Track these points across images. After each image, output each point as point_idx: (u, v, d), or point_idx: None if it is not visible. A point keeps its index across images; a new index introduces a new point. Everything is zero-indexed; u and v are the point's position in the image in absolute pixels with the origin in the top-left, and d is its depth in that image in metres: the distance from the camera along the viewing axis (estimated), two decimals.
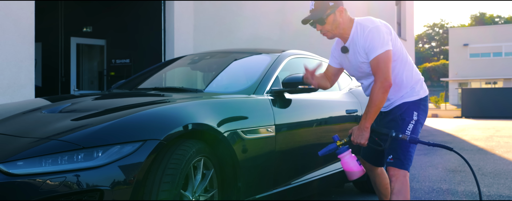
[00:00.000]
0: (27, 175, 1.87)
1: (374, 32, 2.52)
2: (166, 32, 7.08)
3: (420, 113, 2.68)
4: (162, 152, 2.16)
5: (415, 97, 2.70)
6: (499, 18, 71.09)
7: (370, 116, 2.54)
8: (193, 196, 2.29)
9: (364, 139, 2.56)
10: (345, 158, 2.56)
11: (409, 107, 2.67)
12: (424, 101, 2.72)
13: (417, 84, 2.71)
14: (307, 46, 8.96)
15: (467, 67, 41.08)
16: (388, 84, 2.51)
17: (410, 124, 2.63)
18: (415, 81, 2.71)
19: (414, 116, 2.65)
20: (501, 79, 39.70)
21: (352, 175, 2.56)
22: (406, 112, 2.66)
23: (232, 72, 3.52)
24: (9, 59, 4.81)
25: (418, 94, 2.71)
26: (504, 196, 4.08)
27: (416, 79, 2.72)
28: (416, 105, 2.69)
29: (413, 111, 2.66)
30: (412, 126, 2.63)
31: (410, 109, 2.67)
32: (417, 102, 2.69)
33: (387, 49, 2.51)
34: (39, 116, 2.42)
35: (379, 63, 2.51)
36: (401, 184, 2.57)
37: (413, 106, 2.68)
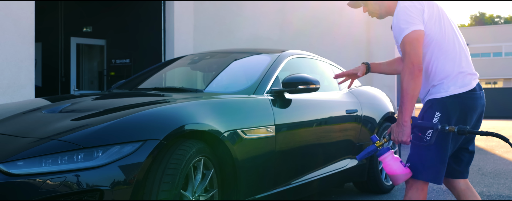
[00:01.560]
0: (27, 175, 1.87)
1: (401, 12, 2.23)
2: (166, 32, 7.08)
3: (447, 113, 2.24)
4: (162, 152, 2.16)
5: (442, 93, 2.27)
6: (499, 18, 71.09)
7: (405, 108, 2.20)
8: (193, 196, 2.29)
9: (406, 135, 2.22)
10: (386, 160, 2.27)
11: (432, 106, 2.29)
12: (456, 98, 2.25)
13: (448, 77, 2.27)
14: (307, 46, 8.96)
15: None
16: (416, 68, 2.17)
17: (429, 129, 2.23)
18: (448, 73, 2.28)
19: (435, 118, 2.25)
20: (501, 79, 39.70)
21: (396, 178, 2.25)
22: (427, 113, 2.29)
23: (232, 72, 3.52)
24: (9, 59, 4.81)
25: (447, 91, 2.27)
26: (504, 196, 4.08)
27: (450, 71, 2.28)
28: (441, 103, 2.26)
29: (436, 112, 2.26)
30: (431, 131, 2.22)
31: (432, 109, 2.28)
32: (443, 100, 2.26)
33: (415, 29, 2.19)
34: (39, 116, 2.42)
35: (405, 46, 2.20)
36: (412, 194, 2.27)
37: (437, 105, 2.27)
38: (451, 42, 2.29)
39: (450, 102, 2.25)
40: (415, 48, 2.19)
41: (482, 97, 2.33)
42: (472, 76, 2.31)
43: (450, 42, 2.29)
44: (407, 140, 2.24)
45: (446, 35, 2.28)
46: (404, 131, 2.23)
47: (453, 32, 2.32)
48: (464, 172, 2.43)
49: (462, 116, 2.25)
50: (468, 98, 2.26)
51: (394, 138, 2.28)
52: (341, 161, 3.62)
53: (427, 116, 2.27)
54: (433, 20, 2.26)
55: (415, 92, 2.19)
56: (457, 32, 2.34)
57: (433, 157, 2.25)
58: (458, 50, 2.30)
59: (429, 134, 2.21)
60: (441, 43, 2.28)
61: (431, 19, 2.25)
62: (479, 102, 2.29)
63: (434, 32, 2.26)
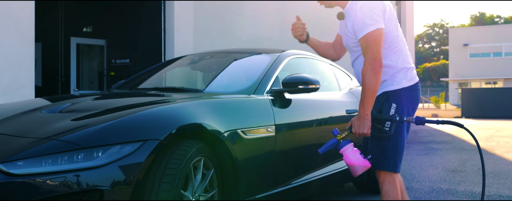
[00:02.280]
0: (27, 175, 1.87)
1: (365, 7, 2.34)
2: (166, 32, 7.08)
3: (401, 104, 2.42)
4: (162, 152, 2.16)
5: (396, 86, 2.45)
6: (499, 18, 71.09)
7: (367, 102, 2.33)
8: (193, 196, 2.29)
9: (367, 128, 2.35)
10: (347, 152, 2.39)
11: (388, 99, 2.44)
12: (407, 90, 2.45)
13: (400, 72, 2.46)
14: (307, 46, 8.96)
15: (467, 67, 41.07)
16: (378, 64, 2.31)
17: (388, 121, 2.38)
18: (399, 68, 2.46)
19: (392, 109, 2.40)
20: (501, 79, 39.70)
21: (355, 169, 2.39)
22: (384, 105, 2.43)
23: (232, 72, 3.52)
24: (9, 59, 4.81)
25: (400, 83, 2.45)
26: (504, 196, 4.08)
27: (401, 66, 2.47)
28: (396, 95, 2.44)
29: (392, 103, 2.42)
30: (389, 123, 2.36)
31: (388, 101, 2.43)
32: (397, 92, 2.44)
33: (379, 27, 2.32)
34: (39, 116, 2.42)
35: (368, 42, 2.32)
36: (387, 188, 2.41)
37: (393, 97, 2.44)
38: (401, 39, 2.46)
39: (404, 94, 2.43)
40: (378, 45, 2.32)
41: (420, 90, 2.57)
42: (415, 71, 2.54)
43: (400, 39, 2.46)
44: (367, 132, 2.37)
45: (398, 34, 2.46)
46: (365, 124, 2.36)
47: (399, 30, 2.48)
48: None
49: (411, 106, 2.45)
50: (415, 90, 2.48)
51: (355, 131, 2.40)
52: (341, 161, 3.62)
53: (385, 109, 2.41)
54: (391, 19, 2.41)
55: (376, 87, 2.32)
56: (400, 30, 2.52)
57: (393, 148, 2.40)
58: (404, 47, 2.49)
59: (388, 126, 2.35)
60: (395, 41, 2.44)
61: (390, 19, 2.40)
62: (419, 94, 2.54)
63: (390, 31, 2.41)
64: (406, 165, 5.85)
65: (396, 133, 2.40)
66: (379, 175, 2.45)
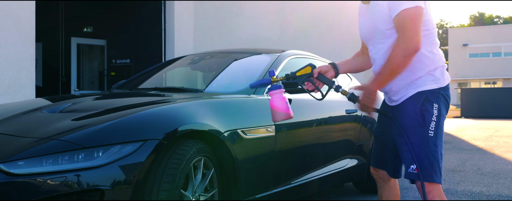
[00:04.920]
0: (27, 175, 1.87)
1: None
2: (166, 32, 7.09)
3: (441, 104, 2.14)
4: (162, 152, 2.17)
5: (434, 85, 2.14)
6: (498, 18, 71.07)
7: (380, 78, 2.07)
8: (193, 196, 2.30)
9: (372, 102, 2.09)
10: (275, 96, 2.29)
11: (427, 98, 2.13)
12: (444, 90, 2.17)
13: (436, 70, 2.16)
14: (307, 46, 8.97)
15: (467, 67, 41.08)
16: (414, 46, 1.99)
17: (433, 122, 2.10)
18: (435, 65, 2.16)
19: (435, 110, 2.11)
20: (501, 79, 39.71)
21: (276, 115, 2.29)
22: (425, 106, 2.12)
23: (232, 72, 3.53)
24: (10, 59, 4.82)
25: (438, 82, 2.15)
26: (503, 195, 4.08)
27: (437, 64, 2.16)
28: (436, 95, 2.14)
29: (433, 103, 2.12)
30: (434, 124, 2.10)
31: (429, 101, 2.13)
32: (436, 92, 2.14)
33: (419, 5, 2.02)
34: (40, 116, 2.42)
35: (406, 20, 2.01)
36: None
37: (432, 96, 2.13)
38: (433, 30, 2.18)
39: (443, 93, 2.15)
40: (417, 25, 2.01)
41: None
42: None
43: (432, 30, 2.17)
44: (371, 107, 2.11)
45: (431, 22, 2.17)
46: (371, 98, 2.08)
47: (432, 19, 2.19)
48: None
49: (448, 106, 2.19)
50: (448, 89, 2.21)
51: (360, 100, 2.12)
52: (341, 161, 3.63)
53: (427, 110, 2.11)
54: (429, 6, 2.14)
55: (399, 69, 2.05)
56: None
57: None
58: (436, 40, 2.22)
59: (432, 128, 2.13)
60: (433, 31, 2.16)
61: (428, 6, 2.12)
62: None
63: (430, 18, 2.13)
64: None
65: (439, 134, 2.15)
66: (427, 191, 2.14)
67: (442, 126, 2.14)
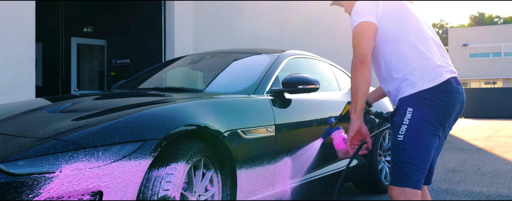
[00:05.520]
0: (27, 175, 1.88)
1: (355, 7, 2.22)
2: (166, 32, 7.09)
3: (419, 108, 2.08)
4: (162, 151, 2.17)
5: (410, 90, 2.12)
6: (498, 18, 71.08)
7: (352, 104, 2.20)
8: (193, 196, 2.30)
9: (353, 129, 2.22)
10: (335, 137, 2.53)
11: (402, 104, 2.14)
12: (427, 93, 2.09)
13: (412, 72, 2.12)
14: (307, 46, 8.98)
15: (467, 67, 41.08)
16: (358, 60, 2.13)
17: (403, 125, 2.08)
18: (411, 68, 2.13)
19: (408, 114, 2.09)
20: (501, 79, 39.71)
21: (339, 151, 2.52)
22: (398, 112, 2.14)
23: (232, 72, 3.53)
24: (9, 59, 4.82)
25: (414, 86, 2.11)
26: (503, 195, 4.08)
27: (413, 66, 2.13)
28: (412, 99, 2.10)
29: (407, 107, 2.10)
30: (405, 128, 2.08)
31: (402, 106, 2.13)
32: (414, 96, 2.10)
33: (361, 21, 2.15)
34: (40, 116, 2.42)
35: (353, 38, 2.17)
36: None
37: (408, 101, 2.12)
38: (403, 31, 2.17)
39: (422, 96, 2.09)
40: (359, 40, 2.15)
41: (461, 92, 2.19)
42: (443, 68, 2.16)
43: (402, 31, 2.17)
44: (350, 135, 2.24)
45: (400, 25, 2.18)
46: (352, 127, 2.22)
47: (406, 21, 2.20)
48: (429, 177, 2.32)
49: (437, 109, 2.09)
50: (444, 91, 2.11)
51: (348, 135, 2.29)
52: (341, 161, 3.63)
53: (398, 115, 2.13)
54: (389, 13, 2.18)
55: (357, 86, 2.14)
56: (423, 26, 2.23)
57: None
58: (425, 44, 2.17)
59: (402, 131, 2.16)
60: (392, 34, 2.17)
61: (387, 13, 2.18)
62: (455, 97, 2.14)
63: (386, 23, 2.17)
64: None
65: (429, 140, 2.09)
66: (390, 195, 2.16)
67: (419, 129, 2.06)
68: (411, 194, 2.05)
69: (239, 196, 2.54)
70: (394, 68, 2.17)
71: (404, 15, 2.20)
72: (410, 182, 2.06)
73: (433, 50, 2.18)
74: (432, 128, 2.07)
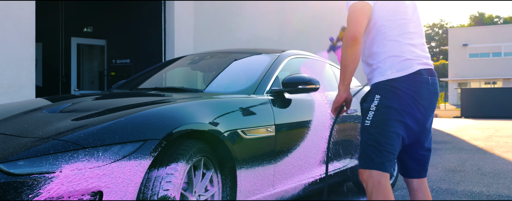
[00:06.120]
0: (27, 175, 1.88)
1: None
2: (166, 32, 7.09)
3: (386, 96, 2.19)
4: (162, 151, 2.17)
5: (380, 77, 2.25)
6: (498, 18, 71.09)
7: (340, 78, 2.33)
8: (193, 196, 2.30)
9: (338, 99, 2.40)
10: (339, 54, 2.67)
11: (371, 91, 2.29)
12: (396, 82, 2.19)
13: (384, 61, 2.24)
14: (307, 46, 8.97)
15: (467, 67, 41.10)
16: (349, 37, 2.19)
17: (370, 112, 2.22)
18: (384, 57, 2.25)
19: (375, 101, 2.21)
20: (501, 79, 39.72)
21: None
22: (368, 98, 2.28)
23: (232, 72, 3.53)
24: (9, 59, 4.82)
25: (383, 74, 2.23)
26: (503, 195, 4.08)
27: (387, 55, 2.24)
28: (380, 87, 2.23)
29: (375, 95, 2.23)
30: (372, 114, 2.20)
31: (372, 93, 2.27)
32: (383, 84, 2.22)
33: (356, 0, 2.23)
34: (40, 116, 2.42)
35: (348, 16, 2.24)
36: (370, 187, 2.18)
37: (376, 88, 2.25)
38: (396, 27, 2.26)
39: (390, 84, 2.19)
40: (355, 18, 2.21)
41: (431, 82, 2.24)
42: (414, 61, 2.23)
43: (395, 27, 2.26)
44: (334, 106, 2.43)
45: (394, 20, 2.27)
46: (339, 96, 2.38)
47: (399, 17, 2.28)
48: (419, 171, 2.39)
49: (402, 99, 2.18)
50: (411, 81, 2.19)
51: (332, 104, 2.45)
52: (341, 161, 3.63)
53: (367, 101, 2.28)
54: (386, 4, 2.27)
55: (347, 62, 2.24)
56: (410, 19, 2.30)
57: None
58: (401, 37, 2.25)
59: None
60: (378, 22, 2.27)
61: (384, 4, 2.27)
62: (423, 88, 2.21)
63: (380, 12, 2.27)
64: None
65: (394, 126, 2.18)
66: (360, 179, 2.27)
67: (385, 115, 2.17)
68: (378, 176, 2.16)
69: (239, 196, 2.54)
70: (371, 54, 2.30)
71: (395, 5, 2.29)
72: (375, 165, 2.17)
73: (412, 44, 2.27)
74: (397, 114, 2.17)
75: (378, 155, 2.17)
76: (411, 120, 2.19)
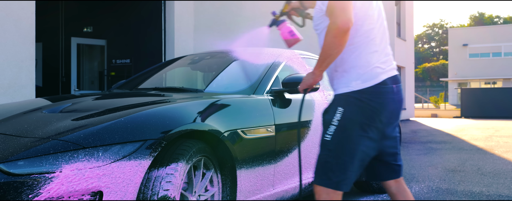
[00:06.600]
0: (27, 175, 1.88)
1: None
2: (166, 32, 7.09)
3: (349, 109, 2.07)
4: (162, 152, 2.17)
5: (344, 88, 2.12)
6: (498, 18, 71.10)
7: (318, 62, 2.13)
8: (193, 196, 2.30)
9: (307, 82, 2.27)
10: (282, 29, 2.72)
11: (334, 102, 2.15)
12: (358, 94, 2.08)
13: (350, 71, 2.11)
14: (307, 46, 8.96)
15: (467, 67, 41.11)
16: (341, 27, 1.97)
17: (331, 126, 2.09)
18: (350, 66, 2.11)
19: (337, 114, 2.09)
20: (501, 79, 39.73)
21: (287, 42, 2.73)
22: (330, 109, 2.14)
23: (232, 72, 3.53)
24: (10, 59, 4.82)
25: (348, 85, 2.10)
26: (503, 195, 4.08)
27: (353, 64, 2.11)
28: (343, 99, 2.11)
29: (338, 107, 2.10)
30: (334, 128, 2.08)
31: (334, 104, 2.13)
32: (346, 95, 2.10)
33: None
34: (40, 116, 2.42)
35: (337, 4, 2.00)
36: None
37: (340, 100, 2.12)
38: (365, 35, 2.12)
39: (355, 96, 2.08)
40: (343, 5, 1.99)
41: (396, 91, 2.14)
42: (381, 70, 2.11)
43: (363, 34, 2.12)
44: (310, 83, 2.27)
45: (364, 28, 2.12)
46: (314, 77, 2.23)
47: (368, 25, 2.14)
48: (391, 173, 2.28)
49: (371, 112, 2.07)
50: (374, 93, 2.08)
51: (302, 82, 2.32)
52: None
53: (329, 113, 2.14)
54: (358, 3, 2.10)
55: (332, 51, 2.04)
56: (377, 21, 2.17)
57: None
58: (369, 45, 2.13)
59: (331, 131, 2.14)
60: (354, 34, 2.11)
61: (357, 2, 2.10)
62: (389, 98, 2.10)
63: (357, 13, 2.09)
64: (406, 164, 5.86)
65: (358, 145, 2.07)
66: None
67: (347, 131, 2.06)
68: (333, 194, 2.07)
69: (239, 196, 2.54)
70: (342, 60, 2.14)
71: (366, 9, 2.13)
72: (330, 183, 2.07)
73: (378, 50, 2.14)
74: (360, 130, 2.06)
75: (336, 173, 2.06)
76: (373, 132, 2.09)
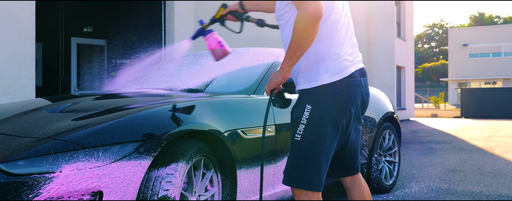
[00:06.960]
0: (27, 175, 1.88)
1: None
2: (166, 32, 7.09)
3: (318, 105, 1.97)
4: (162, 151, 2.17)
5: (311, 83, 1.99)
6: (498, 18, 71.11)
7: (287, 56, 1.95)
8: (193, 196, 2.30)
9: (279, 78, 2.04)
10: (209, 40, 2.60)
11: (302, 98, 2.03)
12: (327, 88, 1.97)
13: (318, 64, 1.99)
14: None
15: (467, 67, 41.11)
16: (313, 13, 1.82)
17: (301, 125, 1.98)
18: (317, 58, 1.99)
19: (306, 112, 1.98)
20: (501, 79, 39.73)
21: (214, 53, 2.56)
22: (299, 106, 2.03)
23: (232, 72, 3.53)
24: (10, 59, 4.82)
25: (317, 79, 1.98)
26: (503, 196, 4.08)
27: (321, 56, 1.98)
28: (311, 95, 1.99)
29: (306, 104, 1.99)
30: (303, 127, 1.97)
31: (302, 101, 2.02)
32: (313, 91, 1.99)
33: None
34: (40, 116, 2.42)
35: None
36: None
37: (308, 96, 2.00)
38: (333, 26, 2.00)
39: (323, 91, 1.97)
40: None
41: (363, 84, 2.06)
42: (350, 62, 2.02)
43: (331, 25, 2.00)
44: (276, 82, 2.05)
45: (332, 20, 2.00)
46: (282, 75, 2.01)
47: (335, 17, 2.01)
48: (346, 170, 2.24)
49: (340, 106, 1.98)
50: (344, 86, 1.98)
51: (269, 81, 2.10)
52: None
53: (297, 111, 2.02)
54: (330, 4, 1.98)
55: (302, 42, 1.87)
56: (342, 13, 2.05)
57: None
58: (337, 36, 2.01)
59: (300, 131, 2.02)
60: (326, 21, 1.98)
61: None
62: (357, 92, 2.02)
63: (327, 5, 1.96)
64: (406, 164, 5.86)
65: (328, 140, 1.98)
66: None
67: (317, 130, 1.96)
68: (312, 195, 2.01)
69: (239, 196, 2.55)
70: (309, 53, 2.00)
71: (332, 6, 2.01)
72: (302, 184, 1.99)
73: (345, 42, 2.04)
74: (331, 126, 1.97)
75: (307, 173, 1.97)
76: (341, 127, 2.01)
